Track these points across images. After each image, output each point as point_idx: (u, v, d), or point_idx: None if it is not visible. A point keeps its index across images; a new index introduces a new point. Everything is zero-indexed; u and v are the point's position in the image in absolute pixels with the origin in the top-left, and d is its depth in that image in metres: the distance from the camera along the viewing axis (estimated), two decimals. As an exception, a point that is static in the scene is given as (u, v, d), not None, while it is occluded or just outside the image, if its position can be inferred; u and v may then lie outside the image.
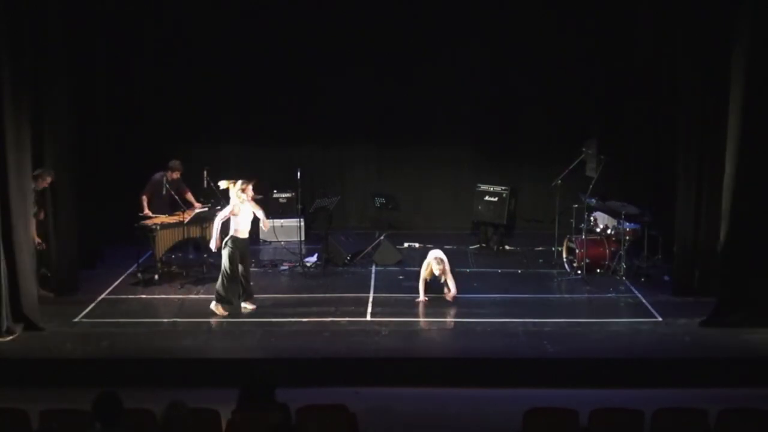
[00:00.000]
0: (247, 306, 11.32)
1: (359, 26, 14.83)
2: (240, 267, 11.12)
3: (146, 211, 12.91)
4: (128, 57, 14.53)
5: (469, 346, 10.43)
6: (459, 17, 14.84)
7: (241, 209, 11.01)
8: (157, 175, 13.09)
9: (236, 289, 11.20)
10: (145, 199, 13.00)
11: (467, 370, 9.88)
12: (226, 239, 11.05)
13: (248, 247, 11.35)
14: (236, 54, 15.01)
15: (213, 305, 11.17)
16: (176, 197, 12.91)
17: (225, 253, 11.02)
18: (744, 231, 10.69)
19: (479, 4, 14.88)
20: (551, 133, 15.24)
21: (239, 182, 11.04)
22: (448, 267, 11.62)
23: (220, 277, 11.10)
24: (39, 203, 11.46)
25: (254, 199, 11.27)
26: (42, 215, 11.54)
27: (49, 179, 11.44)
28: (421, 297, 11.62)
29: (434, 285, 11.80)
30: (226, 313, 11.12)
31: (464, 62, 15.20)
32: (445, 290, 11.70)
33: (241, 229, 11.05)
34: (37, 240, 11.35)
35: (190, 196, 13.17)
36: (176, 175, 13.08)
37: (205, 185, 12.86)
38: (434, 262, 11.54)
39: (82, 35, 12.61)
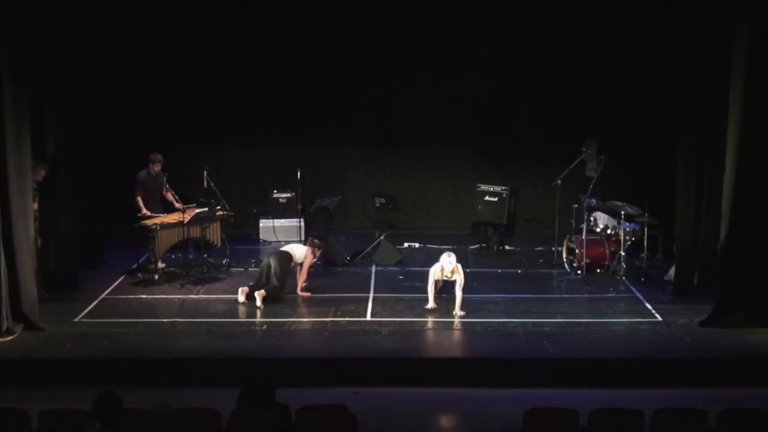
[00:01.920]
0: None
1: (359, 26, 14.82)
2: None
3: (144, 210, 12.92)
4: (129, 57, 14.53)
5: (469, 346, 10.44)
6: (459, 17, 14.84)
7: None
8: (142, 173, 13.10)
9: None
10: (139, 199, 12.99)
11: (467, 370, 9.88)
12: (288, 255, 11.91)
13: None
14: (236, 54, 15.01)
15: (260, 297, 11.43)
16: (166, 192, 13.01)
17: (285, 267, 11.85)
18: (744, 231, 10.69)
19: (479, 4, 14.88)
20: (551, 133, 15.24)
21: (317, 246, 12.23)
22: (460, 267, 11.41)
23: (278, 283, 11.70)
24: (33, 197, 11.43)
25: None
26: (35, 206, 11.48)
27: (43, 173, 11.40)
28: (431, 303, 11.35)
29: (443, 288, 11.74)
30: (262, 307, 11.37)
31: (464, 62, 15.19)
32: (456, 309, 11.34)
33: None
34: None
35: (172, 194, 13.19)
36: (157, 167, 13.07)
37: (205, 185, 12.87)
38: (444, 257, 11.29)
39: (83, 34, 12.62)
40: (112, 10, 13.84)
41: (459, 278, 11.34)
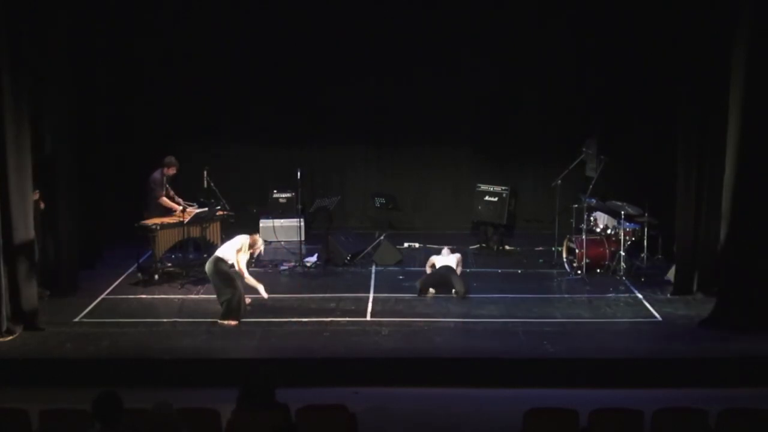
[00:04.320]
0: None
1: (360, 26, 14.82)
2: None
3: (178, 206, 12.68)
4: (129, 56, 14.55)
5: (469, 346, 10.43)
6: (459, 17, 14.84)
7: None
8: (156, 174, 13.07)
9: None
10: (165, 200, 12.83)
11: (467, 370, 9.88)
12: (217, 260, 10.96)
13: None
14: (237, 54, 15.01)
15: (224, 321, 10.87)
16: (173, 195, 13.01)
17: (223, 271, 10.96)
18: (744, 231, 10.69)
19: (479, 4, 14.88)
20: (551, 133, 15.24)
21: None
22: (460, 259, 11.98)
23: (228, 293, 10.89)
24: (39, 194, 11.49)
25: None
26: (42, 205, 11.48)
27: None
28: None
29: (442, 290, 11.84)
30: (238, 323, 10.91)
31: (464, 62, 15.19)
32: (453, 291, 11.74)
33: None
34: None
35: (173, 195, 13.19)
36: (173, 170, 13.06)
37: (205, 185, 12.87)
38: (445, 250, 11.89)
39: (82, 35, 12.61)
40: (112, 10, 13.85)
41: (457, 260, 12.06)
